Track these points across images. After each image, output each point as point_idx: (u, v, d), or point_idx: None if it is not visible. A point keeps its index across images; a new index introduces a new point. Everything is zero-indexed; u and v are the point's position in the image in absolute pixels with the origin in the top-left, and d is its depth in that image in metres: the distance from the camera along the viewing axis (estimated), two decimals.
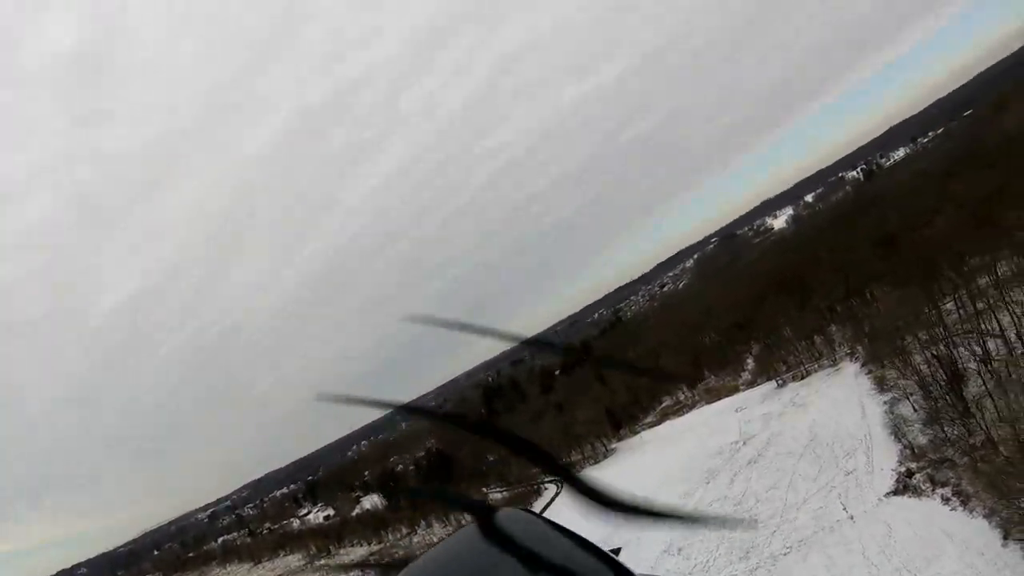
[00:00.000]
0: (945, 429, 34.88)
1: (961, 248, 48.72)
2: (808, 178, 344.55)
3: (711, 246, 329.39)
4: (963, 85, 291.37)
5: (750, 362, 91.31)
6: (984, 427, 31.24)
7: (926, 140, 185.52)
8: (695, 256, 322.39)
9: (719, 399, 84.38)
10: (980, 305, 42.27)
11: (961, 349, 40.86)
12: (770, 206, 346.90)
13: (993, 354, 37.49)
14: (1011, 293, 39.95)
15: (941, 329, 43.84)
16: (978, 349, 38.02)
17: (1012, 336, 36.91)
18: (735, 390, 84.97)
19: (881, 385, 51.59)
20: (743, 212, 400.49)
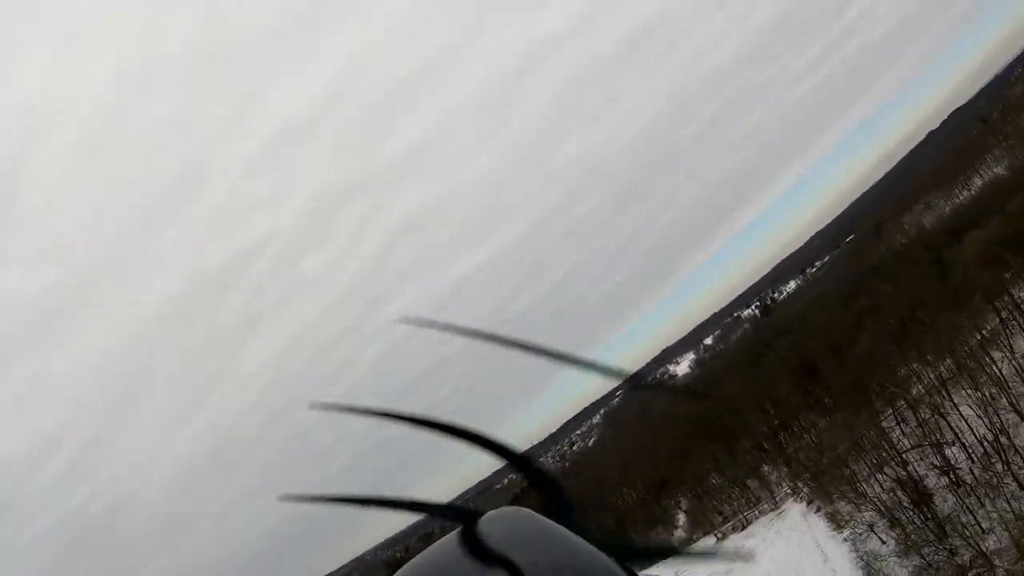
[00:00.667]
0: (925, 555, 33.43)
1: (889, 361, 50.30)
2: (704, 322, 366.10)
3: (616, 399, 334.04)
4: (839, 215, 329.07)
5: (681, 517, 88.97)
6: (975, 543, 30.04)
7: (815, 269, 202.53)
8: (602, 411, 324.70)
9: None
10: (925, 415, 42.83)
11: (916, 465, 40.66)
12: (670, 353, 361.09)
13: (953, 463, 37.39)
14: (955, 396, 40.82)
15: (888, 449, 43.81)
16: (936, 460, 37.88)
17: (970, 439, 37.16)
18: None
19: (836, 522, 50.36)
20: (643, 363, 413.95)
